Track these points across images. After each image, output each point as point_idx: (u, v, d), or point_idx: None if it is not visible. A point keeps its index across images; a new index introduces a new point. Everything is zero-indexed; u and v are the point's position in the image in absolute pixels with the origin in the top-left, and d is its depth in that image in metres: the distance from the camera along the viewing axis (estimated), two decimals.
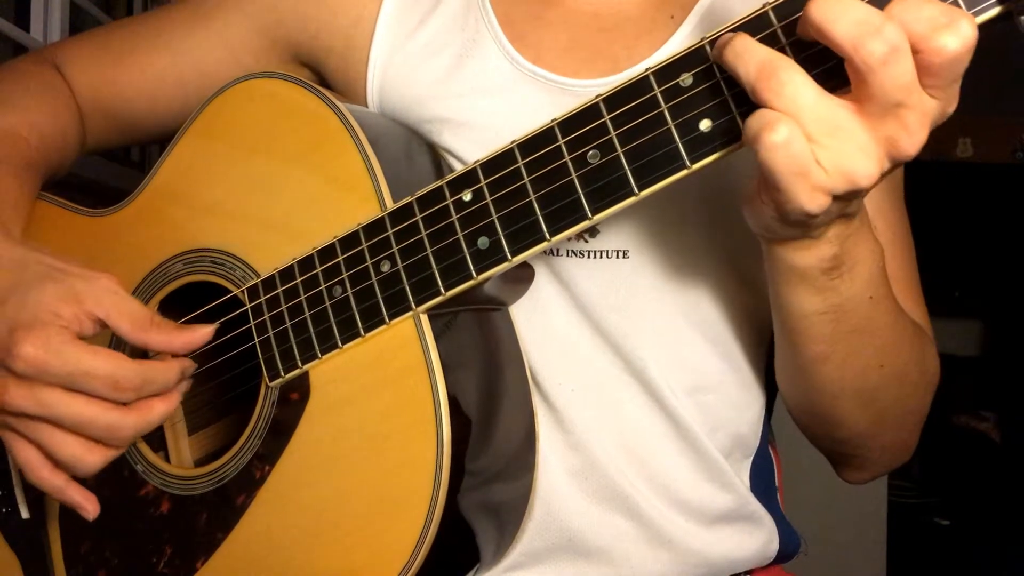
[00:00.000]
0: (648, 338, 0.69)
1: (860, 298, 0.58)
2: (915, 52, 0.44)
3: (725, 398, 0.72)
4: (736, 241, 0.70)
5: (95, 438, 0.60)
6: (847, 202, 0.50)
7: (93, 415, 0.59)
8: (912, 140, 0.46)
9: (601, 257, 0.69)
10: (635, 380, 0.70)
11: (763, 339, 0.74)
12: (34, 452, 0.61)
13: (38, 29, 1.17)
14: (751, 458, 0.75)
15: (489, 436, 0.62)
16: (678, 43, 0.70)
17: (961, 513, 2.43)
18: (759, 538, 0.74)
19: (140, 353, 0.69)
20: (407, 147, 0.71)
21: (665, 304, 0.69)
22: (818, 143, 0.46)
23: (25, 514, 0.73)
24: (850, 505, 1.77)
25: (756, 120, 0.47)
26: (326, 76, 0.81)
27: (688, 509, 0.71)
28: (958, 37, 0.43)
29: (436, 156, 0.72)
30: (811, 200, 0.47)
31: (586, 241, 0.69)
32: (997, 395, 2.56)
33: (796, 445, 0.84)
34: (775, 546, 0.75)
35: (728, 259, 0.70)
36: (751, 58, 0.47)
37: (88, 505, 0.63)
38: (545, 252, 0.68)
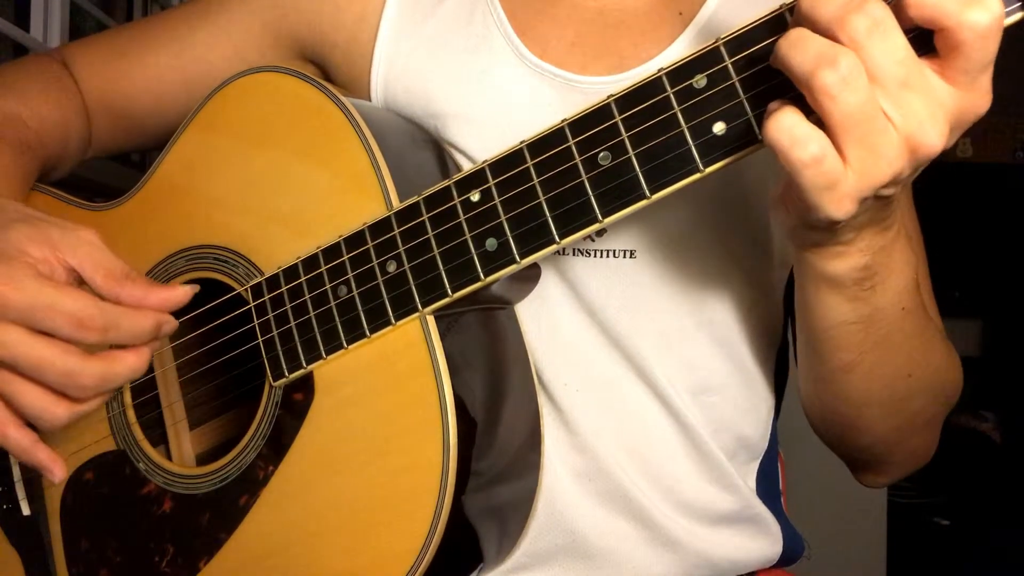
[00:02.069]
0: (653, 338, 0.69)
1: (891, 309, 0.57)
2: (941, 29, 0.43)
3: (730, 399, 0.72)
4: (745, 243, 0.69)
5: (54, 386, 0.57)
6: (872, 202, 0.48)
7: (51, 356, 0.56)
8: (931, 132, 0.44)
9: (608, 256, 0.68)
10: (640, 380, 0.69)
11: (771, 341, 0.73)
12: (0, 405, 0.59)
13: (38, 29, 1.17)
14: (758, 460, 0.75)
15: (495, 437, 0.62)
16: (683, 46, 0.69)
17: (961, 513, 2.43)
18: (763, 541, 0.74)
19: None
20: (412, 143, 0.70)
21: (671, 304, 0.69)
22: (867, 140, 0.44)
23: (26, 511, 0.73)
24: (850, 505, 1.77)
25: (785, 134, 0.44)
26: (330, 72, 0.80)
27: (692, 511, 0.71)
28: (988, 12, 0.42)
29: (441, 152, 0.72)
30: (838, 209, 0.46)
31: (593, 240, 0.68)
32: (997, 395, 2.57)
33: (795, 445, 0.84)
34: (779, 549, 0.75)
35: (736, 260, 0.69)
36: (811, 45, 0.44)
37: (55, 467, 0.61)
38: None
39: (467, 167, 0.61)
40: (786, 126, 0.45)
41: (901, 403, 0.64)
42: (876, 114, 0.44)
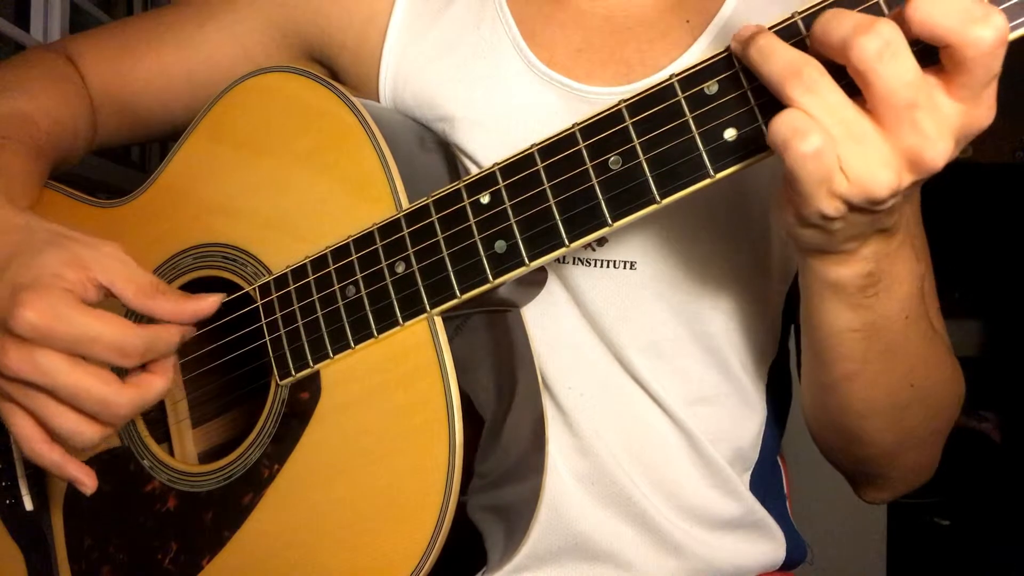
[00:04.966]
0: (649, 349, 0.69)
1: (895, 317, 0.57)
2: (945, 46, 0.43)
3: (723, 411, 0.72)
4: (744, 256, 0.69)
5: (89, 413, 0.58)
6: (871, 214, 0.49)
7: (88, 386, 0.57)
8: (934, 149, 0.44)
9: (608, 267, 0.68)
10: (638, 388, 0.70)
11: (766, 354, 0.73)
12: (30, 423, 0.59)
13: (38, 29, 1.16)
14: (750, 471, 0.75)
15: (500, 438, 0.62)
16: (698, 54, 0.69)
17: (961, 513, 2.43)
18: (766, 546, 0.74)
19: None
20: (422, 145, 0.70)
21: (669, 316, 0.69)
22: (841, 147, 0.45)
23: (29, 506, 0.73)
24: (850, 505, 1.76)
25: (785, 125, 0.45)
26: (338, 72, 0.80)
27: (694, 515, 0.71)
28: (993, 29, 0.42)
29: (450, 155, 0.72)
30: (829, 204, 0.46)
31: (593, 250, 0.68)
32: (997, 395, 2.56)
33: (795, 446, 0.84)
34: (782, 554, 0.75)
35: (735, 274, 0.69)
36: (778, 57, 0.46)
37: (87, 480, 0.61)
38: None
39: (474, 171, 0.60)
40: (786, 118, 0.46)
41: (903, 413, 0.64)
42: (873, 134, 0.45)
